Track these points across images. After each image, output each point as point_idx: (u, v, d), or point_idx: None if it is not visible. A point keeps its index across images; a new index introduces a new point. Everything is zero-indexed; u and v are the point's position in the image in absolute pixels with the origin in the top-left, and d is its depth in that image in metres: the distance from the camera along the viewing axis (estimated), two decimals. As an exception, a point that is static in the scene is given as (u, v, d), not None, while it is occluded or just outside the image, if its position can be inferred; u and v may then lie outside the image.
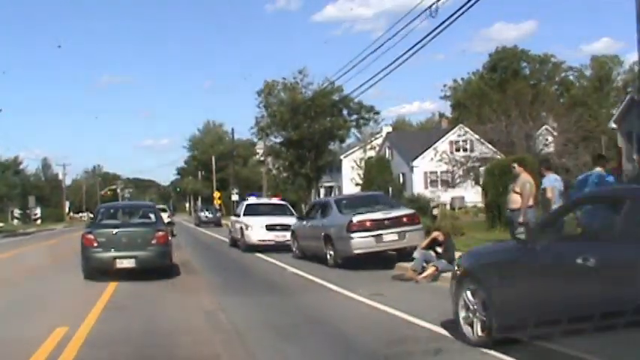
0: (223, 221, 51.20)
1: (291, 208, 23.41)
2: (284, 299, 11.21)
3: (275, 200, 25.52)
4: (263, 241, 20.75)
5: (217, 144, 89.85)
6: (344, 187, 67.16)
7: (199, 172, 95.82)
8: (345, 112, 36.66)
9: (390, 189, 55.53)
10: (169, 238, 14.65)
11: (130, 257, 13.24)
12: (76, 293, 12.34)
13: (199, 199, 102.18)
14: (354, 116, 36.42)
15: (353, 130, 37.19)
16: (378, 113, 40.71)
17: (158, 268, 13.60)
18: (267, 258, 19.00)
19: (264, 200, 24.60)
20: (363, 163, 58.52)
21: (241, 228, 21.62)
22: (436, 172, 53.66)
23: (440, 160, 44.66)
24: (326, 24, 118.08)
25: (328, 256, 15.84)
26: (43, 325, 8.45)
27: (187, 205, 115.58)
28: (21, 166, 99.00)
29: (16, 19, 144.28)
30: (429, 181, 53.62)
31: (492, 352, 6.40)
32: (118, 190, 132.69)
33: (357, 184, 60.23)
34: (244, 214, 22.34)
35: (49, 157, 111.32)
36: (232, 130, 65.35)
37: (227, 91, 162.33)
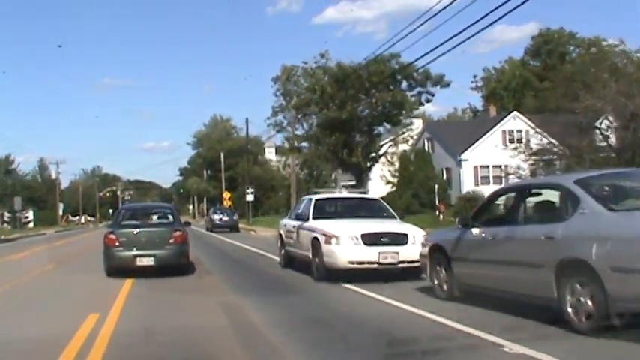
0: (241, 225, 42.08)
1: (388, 207, 14.16)
2: None
3: (358, 193, 15.97)
4: (360, 263, 11.58)
5: (225, 140, 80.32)
6: (369, 187, 58.02)
7: (205, 172, 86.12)
8: (404, 84, 27.19)
9: (437, 187, 46.58)
10: (187, 237, 14.29)
11: (149, 256, 13.36)
12: None
13: (204, 200, 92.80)
14: (417, 89, 26.94)
15: (420, 106, 27.45)
16: (448, 85, 31.49)
17: (175, 266, 13.44)
18: (388, 299, 9.77)
19: (343, 194, 15.25)
20: (395, 158, 49.54)
21: (314, 240, 12.40)
22: (488, 167, 44.75)
23: (515, 149, 35.64)
24: (326, 26, 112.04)
25: (569, 309, 6.76)
26: None
27: (191, 207, 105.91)
28: (13, 166, 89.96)
29: (16, 20, 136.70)
30: (479, 176, 44.45)
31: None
32: (118, 193, 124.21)
33: (387, 182, 50.96)
34: (315, 217, 13.15)
35: (46, 157, 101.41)
36: (247, 120, 55.72)
37: (228, 93, 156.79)
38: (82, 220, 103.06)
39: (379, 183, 52.43)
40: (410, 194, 44.54)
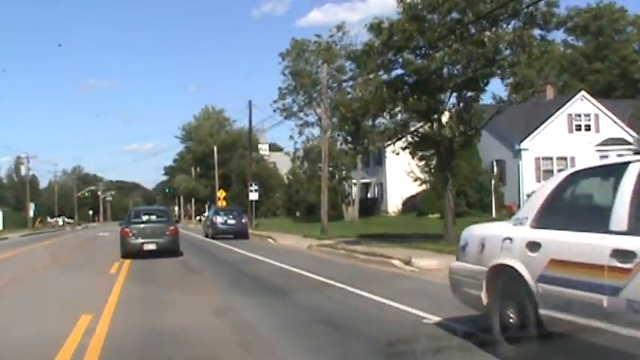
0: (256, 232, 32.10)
1: None
2: None
3: None
4: None
5: (217, 133, 70.05)
6: (388, 185, 48.39)
7: (194, 169, 75.62)
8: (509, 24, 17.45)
9: (492, 182, 37.09)
10: (178, 230, 19.38)
11: (153, 243, 18.10)
12: None
13: (192, 201, 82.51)
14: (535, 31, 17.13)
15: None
16: (572, 29, 21.61)
17: (170, 251, 18.10)
18: None
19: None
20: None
21: None
22: (551, 159, 35.51)
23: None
24: (310, 29, 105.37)
25: None
26: None
27: (176, 209, 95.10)
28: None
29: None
30: (542, 169, 35.04)
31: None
32: (99, 193, 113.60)
33: (416, 179, 41.25)
34: None
35: (24, 156, 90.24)
36: (250, 103, 45.56)
37: (218, 95, 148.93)
38: (60, 222, 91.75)
39: (403, 180, 42.78)
40: (454, 192, 34.92)
